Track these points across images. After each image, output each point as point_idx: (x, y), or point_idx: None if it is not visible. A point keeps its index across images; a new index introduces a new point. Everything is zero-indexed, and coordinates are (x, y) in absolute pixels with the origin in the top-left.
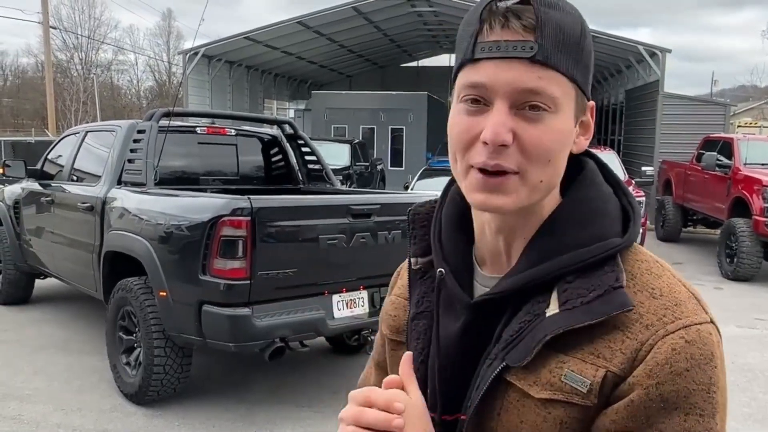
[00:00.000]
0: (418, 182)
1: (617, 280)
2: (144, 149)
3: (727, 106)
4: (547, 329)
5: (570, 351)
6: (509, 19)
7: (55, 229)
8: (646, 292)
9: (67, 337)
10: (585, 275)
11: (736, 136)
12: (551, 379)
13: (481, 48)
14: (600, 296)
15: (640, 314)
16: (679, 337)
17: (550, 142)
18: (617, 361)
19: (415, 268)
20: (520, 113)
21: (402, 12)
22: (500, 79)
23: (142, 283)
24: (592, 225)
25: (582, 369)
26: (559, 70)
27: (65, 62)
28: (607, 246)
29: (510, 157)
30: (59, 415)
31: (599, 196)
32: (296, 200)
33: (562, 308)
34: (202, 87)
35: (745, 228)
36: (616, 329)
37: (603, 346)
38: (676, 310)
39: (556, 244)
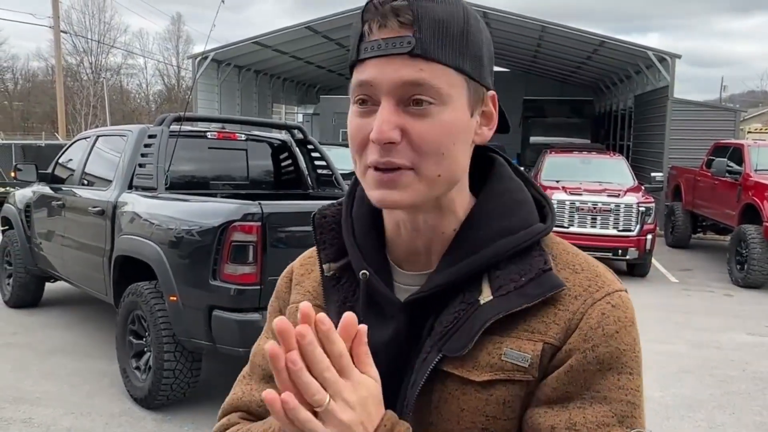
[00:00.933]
0: None
1: (545, 263)
2: (155, 154)
3: (737, 112)
4: (487, 315)
5: (505, 332)
6: (387, 18)
7: (66, 233)
8: (569, 269)
9: (76, 340)
10: (513, 261)
11: (746, 142)
12: (490, 361)
13: (364, 48)
14: (532, 279)
15: (568, 288)
16: (606, 302)
17: (439, 135)
18: (552, 332)
19: (328, 274)
20: (407, 110)
21: None
22: (383, 76)
23: (153, 287)
24: (516, 214)
25: (520, 345)
26: (441, 61)
27: (75, 66)
28: (533, 231)
29: (401, 153)
30: (69, 418)
31: (516, 187)
32: (307, 205)
33: (496, 294)
34: (211, 91)
35: (756, 235)
36: (548, 305)
37: (537, 322)
38: (598, 281)
39: (483, 235)
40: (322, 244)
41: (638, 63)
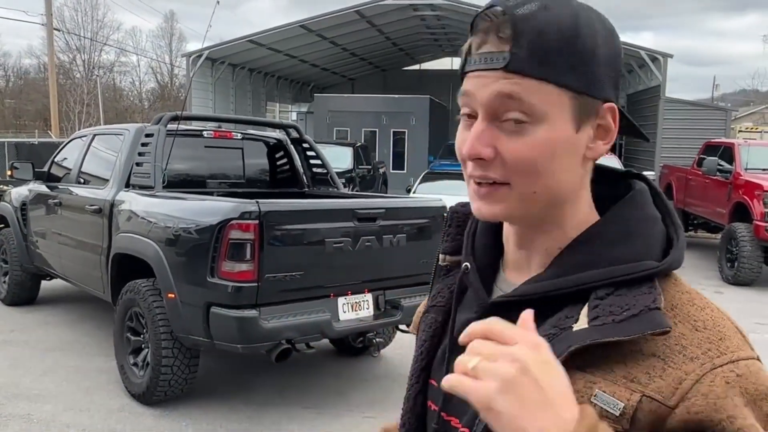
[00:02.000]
0: (420, 185)
1: (654, 302)
2: (152, 153)
3: (728, 111)
4: (571, 341)
5: (599, 372)
6: (488, 33)
7: (63, 231)
8: (688, 324)
9: (74, 338)
10: (619, 293)
11: (737, 142)
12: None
13: (469, 62)
14: (634, 315)
15: (683, 346)
16: (730, 371)
17: (533, 153)
18: (655, 386)
19: (442, 264)
20: (501, 126)
21: (405, 16)
22: (477, 90)
23: (151, 285)
24: (629, 244)
25: (614, 391)
26: (536, 77)
27: (68, 64)
28: (641, 267)
29: (495, 168)
30: (69, 414)
31: (642, 217)
32: (303, 204)
33: (591, 324)
34: (205, 89)
35: (746, 233)
36: (655, 357)
37: (639, 372)
38: (721, 345)
39: (588, 258)
40: (446, 236)
41: (631, 62)
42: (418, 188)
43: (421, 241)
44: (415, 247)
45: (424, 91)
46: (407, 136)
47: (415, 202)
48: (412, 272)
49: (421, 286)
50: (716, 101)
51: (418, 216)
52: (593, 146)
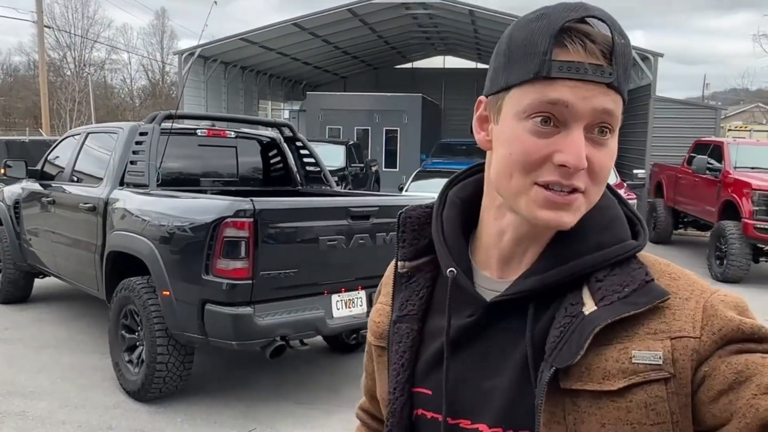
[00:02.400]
0: (412, 183)
1: (647, 274)
2: (146, 151)
3: (718, 110)
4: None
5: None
6: (587, 42)
7: (56, 229)
8: (666, 277)
9: (68, 336)
10: (613, 274)
11: (726, 140)
12: (621, 366)
13: (559, 67)
14: (635, 290)
15: (674, 292)
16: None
17: (611, 163)
18: (676, 327)
19: (401, 271)
20: (589, 137)
21: (397, 14)
22: (582, 101)
23: (145, 282)
24: (612, 229)
25: (647, 345)
26: (623, 95)
27: (58, 61)
28: (627, 247)
29: (581, 178)
30: (64, 411)
31: (612, 204)
32: (297, 202)
33: (600, 304)
34: (197, 87)
35: (735, 230)
36: (661, 310)
37: (656, 324)
38: (698, 284)
39: (578, 246)
40: (402, 242)
41: None
42: (410, 186)
43: None
44: None
45: (416, 90)
46: (399, 134)
47: (408, 200)
48: None
49: None
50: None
51: None
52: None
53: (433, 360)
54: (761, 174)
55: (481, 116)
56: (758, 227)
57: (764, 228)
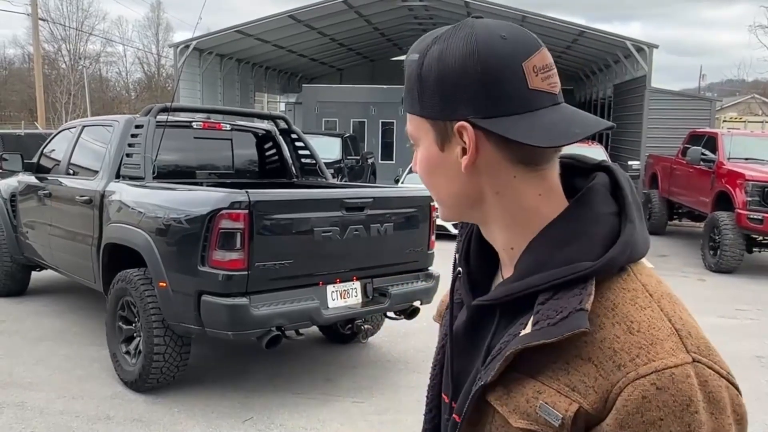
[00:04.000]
0: (408, 176)
1: (580, 303)
2: (142, 144)
3: (713, 101)
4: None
5: (547, 381)
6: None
7: (53, 222)
8: (624, 325)
9: (65, 327)
10: (557, 297)
11: (720, 131)
12: (528, 409)
13: None
14: (564, 319)
15: (614, 350)
16: (650, 383)
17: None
18: (591, 399)
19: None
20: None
21: (392, 6)
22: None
23: (142, 274)
24: (568, 247)
25: (555, 402)
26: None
27: (53, 54)
28: (575, 269)
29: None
30: (62, 402)
31: (588, 216)
32: (292, 194)
33: (533, 329)
34: (193, 80)
35: (728, 221)
36: (590, 363)
37: (578, 380)
38: (650, 351)
39: (534, 262)
40: (460, 236)
41: (617, 53)
42: (406, 178)
43: (408, 230)
44: (402, 235)
45: None
46: (396, 126)
47: (402, 192)
48: (399, 260)
49: (408, 274)
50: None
51: (405, 205)
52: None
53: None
54: (755, 165)
55: None
56: (751, 218)
57: (757, 218)
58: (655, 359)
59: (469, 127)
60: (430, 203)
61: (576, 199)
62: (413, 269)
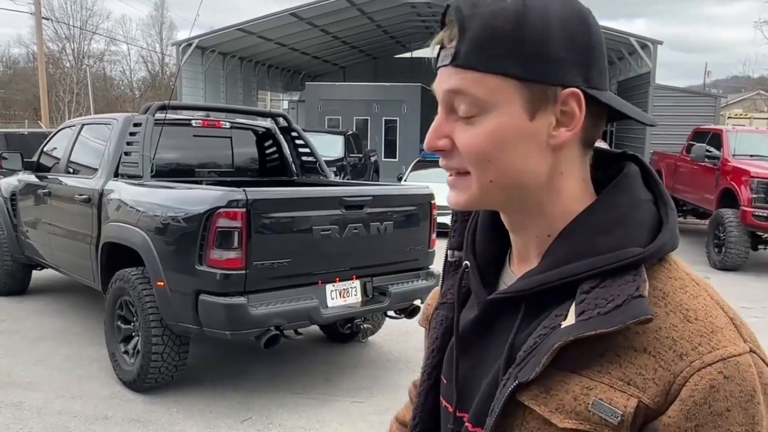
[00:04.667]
0: (411, 173)
1: (638, 289)
2: (140, 142)
3: (718, 98)
4: (559, 338)
5: (595, 375)
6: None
7: (53, 221)
8: (680, 314)
9: (65, 327)
10: (604, 285)
11: (725, 128)
12: (576, 407)
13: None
14: (618, 306)
15: (673, 339)
16: (717, 371)
17: (482, 143)
18: (651, 392)
19: (450, 260)
20: (459, 119)
21: (395, 3)
22: (437, 85)
23: (140, 273)
24: (613, 233)
25: (611, 397)
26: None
27: (57, 53)
28: (624, 255)
29: (454, 159)
30: (60, 402)
31: (630, 203)
32: (290, 192)
33: (578, 319)
34: (195, 78)
35: (733, 218)
36: (647, 354)
37: (634, 373)
38: (713, 339)
39: (574, 248)
40: (453, 232)
41: (621, 49)
42: (409, 176)
43: (408, 228)
44: (403, 234)
45: (415, 79)
46: (399, 124)
47: (402, 189)
48: (399, 259)
49: (409, 272)
50: (708, 88)
51: (405, 203)
52: (556, 134)
53: (451, 351)
54: (760, 162)
55: None
56: (757, 215)
57: (763, 215)
58: (718, 347)
59: (582, 96)
60: (431, 201)
61: (613, 186)
62: (414, 268)
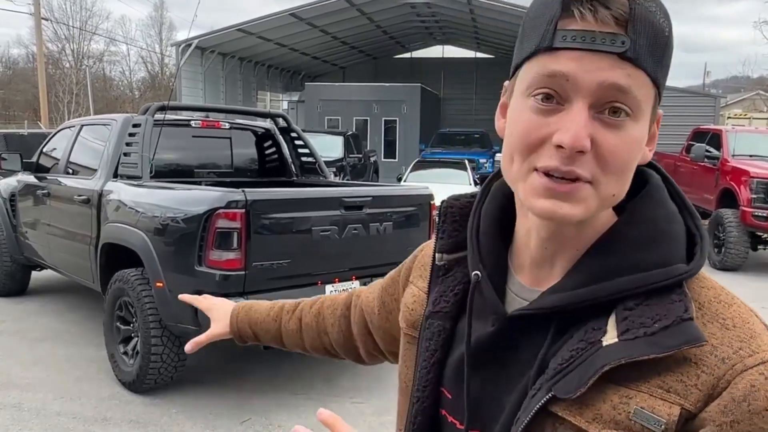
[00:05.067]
0: (411, 174)
1: (686, 311)
2: (140, 143)
3: (717, 98)
4: (607, 359)
5: (633, 384)
6: (597, 8)
7: (52, 222)
8: (717, 323)
9: (64, 328)
10: (648, 303)
11: (724, 128)
12: (616, 416)
13: (563, 36)
14: (666, 327)
15: (714, 346)
16: (759, 372)
17: (629, 151)
18: (693, 399)
19: (439, 263)
20: (598, 117)
21: (395, 3)
22: (585, 72)
23: (139, 274)
24: (657, 248)
25: (653, 405)
26: (647, 71)
27: (57, 53)
28: (671, 273)
29: (585, 164)
30: (59, 403)
31: (666, 216)
32: (290, 193)
33: (622, 338)
34: (195, 79)
35: (733, 218)
36: (688, 362)
37: (674, 380)
38: (752, 343)
39: (614, 264)
40: (441, 233)
41: None
42: (409, 176)
43: (407, 229)
44: (402, 234)
45: (415, 80)
46: (399, 124)
47: (402, 190)
48: (399, 259)
49: None
50: (708, 88)
51: (405, 204)
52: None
53: (457, 364)
54: (759, 162)
55: (503, 103)
56: (756, 215)
57: (762, 216)
58: (759, 351)
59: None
60: (431, 202)
61: (644, 197)
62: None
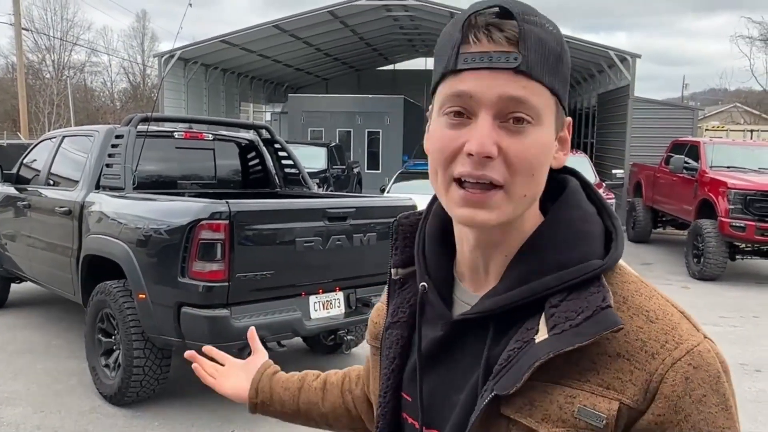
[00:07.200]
0: (394, 185)
1: (604, 300)
2: (122, 154)
3: (695, 110)
4: (537, 355)
5: (575, 383)
6: (492, 32)
7: (32, 233)
8: (642, 316)
9: (44, 341)
10: (571, 298)
11: (702, 140)
12: (563, 416)
13: (465, 59)
14: (588, 317)
15: (642, 341)
16: (687, 363)
17: (534, 155)
18: (630, 393)
19: (394, 278)
20: (503, 126)
21: (378, 16)
22: (485, 89)
23: (121, 286)
24: (575, 247)
25: (594, 403)
26: (541, 81)
27: (37, 64)
28: (588, 267)
29: (495, 168)
30: (39, 417)
31: (582, 217)
32: (273, 204)
33: (551, 333)
34: (177, 90)
35: (711, 229)
36: (621, 358)
37: (612, 377)
38: (675, 335)
39: (538, 264)
40: (394, 249)
41: (601, 62)
42: (392, 188)
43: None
44: (386, 245)
45: (398, 91)
46: (382, 136)
47: (385, 201)
48: (382, 270)
49: None
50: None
51: (388, 215)
52: (557, 156)
53: (414, 369)
54: (737, 173)
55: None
56: (734, 225)
57: (740, 226)
58: (682, 341)
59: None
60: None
61: (561, 202)
62: None
